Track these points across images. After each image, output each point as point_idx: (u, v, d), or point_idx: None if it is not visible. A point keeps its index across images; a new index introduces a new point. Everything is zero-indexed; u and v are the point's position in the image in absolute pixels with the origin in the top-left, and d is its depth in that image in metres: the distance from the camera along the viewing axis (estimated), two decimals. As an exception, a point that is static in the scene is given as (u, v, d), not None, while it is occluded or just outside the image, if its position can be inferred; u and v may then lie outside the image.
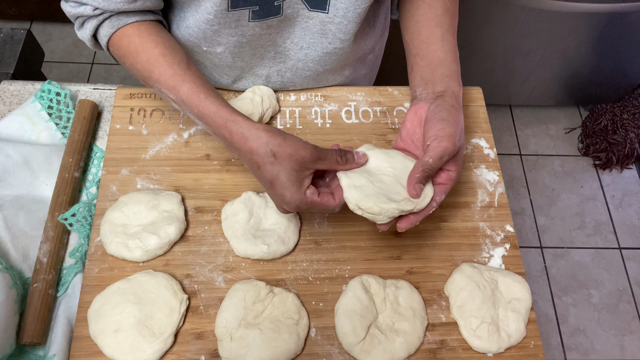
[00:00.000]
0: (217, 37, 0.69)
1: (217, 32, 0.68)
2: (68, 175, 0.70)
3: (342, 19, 0.67)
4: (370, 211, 0.57)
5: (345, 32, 0.69)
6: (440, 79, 0.64)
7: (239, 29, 0.67)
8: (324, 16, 0.67)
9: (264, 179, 0.58)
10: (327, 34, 0.70)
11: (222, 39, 0.69)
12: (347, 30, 0.69)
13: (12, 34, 0.87)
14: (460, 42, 0.72)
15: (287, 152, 0.56)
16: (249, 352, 0.59)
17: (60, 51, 2.07)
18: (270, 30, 0.69)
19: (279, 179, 0.56)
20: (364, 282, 0.65)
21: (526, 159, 1.97)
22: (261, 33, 0.69)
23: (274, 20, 0.67)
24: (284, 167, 0.56)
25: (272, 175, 0.57)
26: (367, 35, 0.76)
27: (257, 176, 0.60)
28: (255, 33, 0.68)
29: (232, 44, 0.70)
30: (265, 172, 0.57)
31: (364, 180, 0.59)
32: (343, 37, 0.70)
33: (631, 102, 1.92)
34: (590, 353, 1.62)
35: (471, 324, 0.64)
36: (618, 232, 1.83)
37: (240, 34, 0.68)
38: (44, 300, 0.62)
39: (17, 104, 0.79)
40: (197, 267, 0.66)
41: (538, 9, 1.48)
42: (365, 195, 0.57)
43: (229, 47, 0.70)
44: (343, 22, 0.68)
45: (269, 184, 0.58)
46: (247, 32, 0.68)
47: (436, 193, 0.60)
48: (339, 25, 0.68)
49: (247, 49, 0.71)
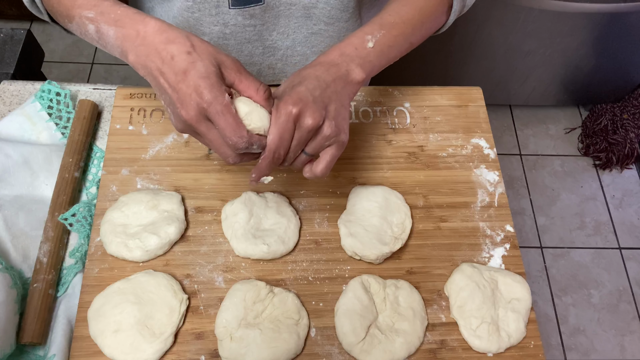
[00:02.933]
0: (200, 26, 0.69)
1: (199, 20, 0.68)
2: (68, 175, 0.70)
3: (325, 4, 0.68)
4: (367, 259, 0.66)
5: (329, 16, 0.70)
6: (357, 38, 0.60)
7: (220, 17, 0.67)
8: (307, 1, 0.68)
9: (176, 70, 0.49)
10: (311, 17, 0.71)
11: (205, 29, 0.69)
12: (331, 15, 0.70)
13: (12, 34, 0.87)
14: (460, 42, 0.72)
15: (208, 50, 0.51)
16: (249, 352, 0.59)
17: (60, 51, 2.07)
18: (254, 21, 0.69)
19: (195, 67, 0.49)
20: (364, 282, 0.65)
21: (526, 159, 1.97)
22: (244, 23, 0.69)
23: (256, 9, 0.67)
24: (202, 59, 0.50)
25: (187, 64, 0.49)
26: (352, 17, 0.77)
27: (164, 73, 0.50)
28: (238, 23, 0.69)
29: (216, 34, 0.70)
30: (180, 61, 0.49)
31: (359, 228, 0.67)
32: (327, 20, 0.71)
33: (631, 102, 1.92)
34: (590, 353, 1.62)
35: (471, 324, 0.64)
36: (618, 232, 1.83)
37: (222, 23, 0.68)
38: (44, 300, 0.62)
39: (17, 104, 0.79)
40: (197, 267, 0.66)
41: (538, 9, 1.48)
42: (362, 243, 0.66)
43: (213, 37, 0.71)
44: (326, 7, 0.69)
45: (181, 74, 0.49)
46: (229, 21, 0.68)
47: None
48: (322, 10, 0.69)
49: (232, 42, 0.72)
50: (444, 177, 0.75)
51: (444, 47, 1.67)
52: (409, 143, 0.78)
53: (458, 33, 1.60)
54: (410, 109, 0.81)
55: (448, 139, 0.79)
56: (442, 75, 1.83)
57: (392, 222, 0.69)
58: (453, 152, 0.78)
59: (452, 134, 0.79)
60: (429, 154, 0.77)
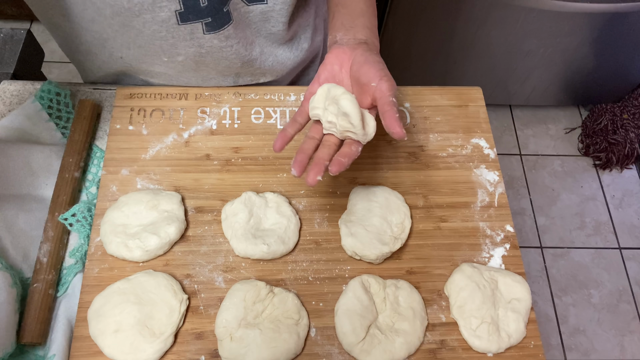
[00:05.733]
0: (175, 49, 0.69)
1: (174, 45, 0.68)
2: (68, 175, 0.70)
3: (283, 5, 0.69)
4: (367, 259, 0.67)
5: (286, 16, 0.71)
6: (362, 28, 0.64)
7: (194, 41, 0.68)
8: (263, 7, 0.68)
9: None
10: (269, 20, 0.71)
11: (180, 50, 0.69)
12: (288, 13, 0.71)
13: (12, 34, 0.87)
14: (460, 42, 0.72)
15: None
16: (249, 352, 0.59)
17: (60, 51, 2.06)
18: (230, 42, 0.69)
19: None
20: (364, 282, 0.65)
21: (526, 159, 1.97)
22: (221, 45, 0.69)
23: (229, 29, 0.67)
24: None
25: None
26: (305, 8, 0.78)
27: None
28: (214, 45, 0.69)
29: (192, 54, 0.70)
30: None
31: (359, 228, 0.67)
32: (285, 20, 0.72)
33: (631, 102, 1.92)
34: (590, 353, 1.62)
35: (471, 324, 0.64)
36: (618, 232, 1.83)
37: (197, 45, 0.69)
38: (44, 300, 0.62)
39: (17, 104, 0.79)
40: (197, 267, 0.66)
41: (538, 9, 1.48)
42: (362, 243, 0.66)
43: (189, 56, 0.71)
44: (284, 7, 0.69)
45: None
46: (204, 44, 0.68)
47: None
48: (280, 12, 0.70)
49: (208, 58, 0.72)
50: (444, 177, 0.75)
51: (444, 47, 1.67)
52: (409, 143, 0.78)
53: (458, 33, 1.60)
54: (410, 109, 0.81)
55: (448, 139, 0.79)
56: (442, 75, 1.83)
57: (392, 222, 0.69)
58: (453, 152, 0.78)
59: (452, 134, 0.79)
60: (429, 154, 0.77)
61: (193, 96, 0.79)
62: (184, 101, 0.78)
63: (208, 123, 0.77)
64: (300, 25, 0.80)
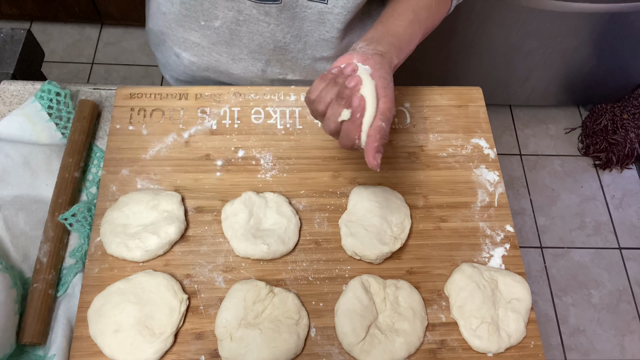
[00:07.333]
0: (214, 9, 0.69)
1: (214, 3, 0.69)
2: (68, 175, 0.70)
3: (342, 9, 0.68)
4: (367, 259, 0.67)
5: (343, 22, 0.71)
6: (387, 44, 0.62)
7: (235, 3, 0.68)
8: (322, 6, 0.68)
9: None
10: (325, 23, 0.71)
11: (219, 12, 0.70)
12: (346, 20, 0.70)
13: (12, 34, 0.87)
14: (460, 42, 0.72)
15: None
16: (249, 352, 0.59)
17: (60, 51, 2.07)
18: (268, 18, 0.69)
19: None
20: (364, 282, 0.65)
21: (526, 159, 1.97)
22: (259, 18, 0.69)
23: (272, 7, 0.67)
24: None
25: None
26: (365, 25, 0.77)
27: None
28: (253, 15, 0.69)
29: (229, 19, 0.71)
30: None
31: (359, 228, 0.67)
32: (340, 26, 0.71)
33: (631, 102, 1.92)
34: (590, 353, 1.62)
35: (471, 324, 0.64)
36: (618, 232, 1.83)
37: (237, 10, 0.69)
38: (44, 300, 0.62)
39: (17, 104, 0.79)
40: (197, 267, 0.66)
41: (538, 9, 1.48)
42: (362, 243, 0.66)
43: (226, 22, 0.71)
44: (342, 12, 0.69)
45: None
46: (244, 10, 0.69)
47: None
48: (338, 16, 0.69)
49: (244, 29, 0.72)
50: (444, 177, 0.75)
51: (444, 47, 1.67)
52: (409, 143, 0.78)
53: (458, 33, 1.60)
54: (410, 109, 0.81)
55: (448, 139, 0.79)
56: (442, 75, 1.83)
57: (392, 222, 0.69)
58: (453, 152, 0.78)
59: (452, 134, 0.79)
60: (429, 154, 0.77)
61: (193, 96, 0.79)
62: (184, 101, 0.78)
63: (208, 123, 0.77)
64: (353, 41, 0.78)
